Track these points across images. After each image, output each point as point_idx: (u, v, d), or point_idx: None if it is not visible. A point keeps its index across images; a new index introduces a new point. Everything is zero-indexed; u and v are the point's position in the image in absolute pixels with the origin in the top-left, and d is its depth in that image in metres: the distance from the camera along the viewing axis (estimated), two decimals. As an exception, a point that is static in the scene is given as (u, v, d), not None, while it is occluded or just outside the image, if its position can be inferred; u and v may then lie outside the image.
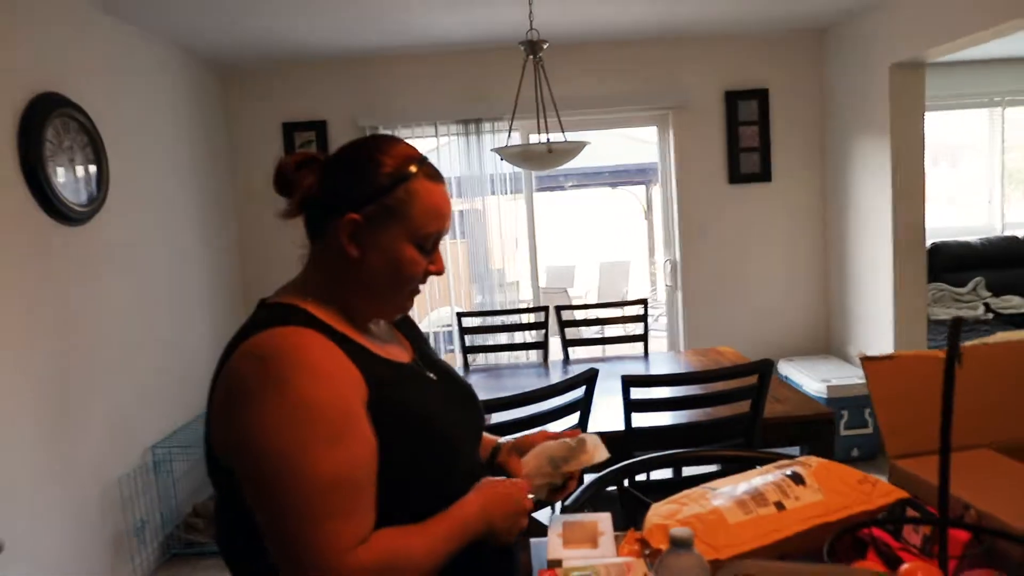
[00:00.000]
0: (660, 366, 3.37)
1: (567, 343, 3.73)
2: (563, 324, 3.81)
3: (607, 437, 1.36)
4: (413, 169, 1.08)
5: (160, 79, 3.71)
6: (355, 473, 0.98)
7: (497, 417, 2.21)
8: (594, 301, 7.03)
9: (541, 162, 2.90)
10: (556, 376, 3.32)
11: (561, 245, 9.52)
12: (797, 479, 1.21)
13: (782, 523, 1.11)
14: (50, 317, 2.74)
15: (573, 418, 2.32)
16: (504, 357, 4.32)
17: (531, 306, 4.10)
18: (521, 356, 4.21)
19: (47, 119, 2.76)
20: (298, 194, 1.10)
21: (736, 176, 4.52)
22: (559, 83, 3.56)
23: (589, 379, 2.27)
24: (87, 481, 2.88)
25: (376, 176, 1.07)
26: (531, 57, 2.94)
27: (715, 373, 2.19)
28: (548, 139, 2.93)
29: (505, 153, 2.92)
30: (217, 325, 4.05)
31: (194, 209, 3.95)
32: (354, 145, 1.13)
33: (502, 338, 4.33)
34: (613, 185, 9.41)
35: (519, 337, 4.37)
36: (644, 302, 3.79)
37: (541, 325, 3.80)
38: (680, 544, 0.93)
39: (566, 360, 3.67)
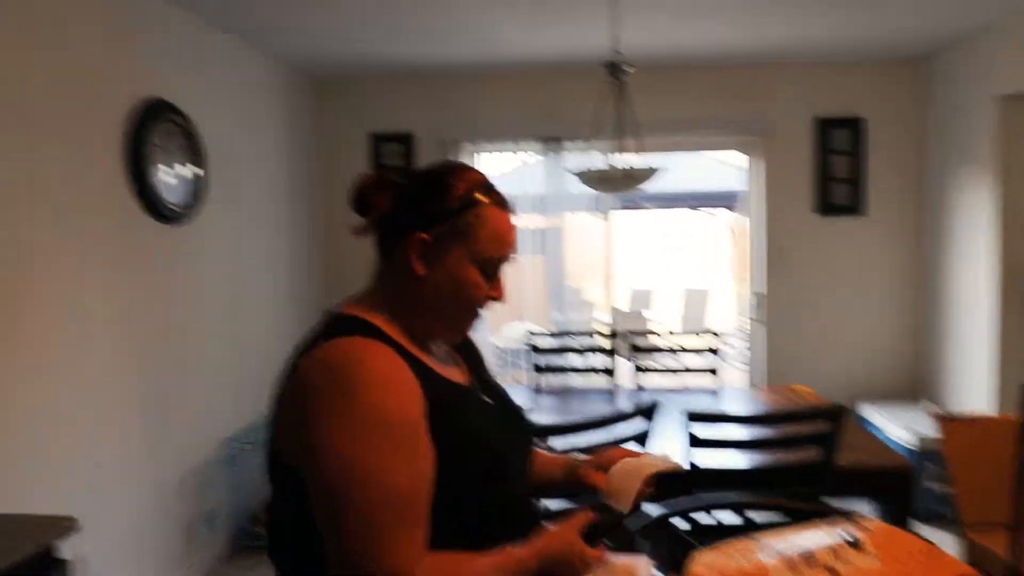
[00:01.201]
0: (730, 402, 3.26)
1: (638, 370, 3.66)
2: (635, 350, 3.74)
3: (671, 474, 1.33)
4: (482, 196, 1.13)
5: (257, 88, 3.89)
6: (421, 486, 1.00)
7: (554, 442, 2.19)
8: (672, 328, 6.87)
9: (616, 185, 2.87)
10: (623, 404, 3.26)
11: (642, 267, 9.39)
12: (854, 543, 1.14)
13: (831, 590, 1.05)
14: (148, 310, 2.91)
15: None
16: (577, 379, 4.28)
17: (604, 328, 4.05)
18: (593, 379, 4.16)
19: (152, 124, 2.93)
20: (374, 213, 1.14)
21: (826, 207, 4.35)
22: (641, 104, 3.53)
23: (649, 411, 2.22)
24: (168, 467, 3.04)
25: (447, 199, 1.11)
26: (613, 79, 2.92)
27: (780, 416, 2.10)
28: (625, 162, 2.91)
29: (581, 176, 2.91)
30: (297, 328, 4.20)
31: (283, 214, 4.11)
32: (430, 169, 1.18)
33: (575, 359, 4.29)
34: (695, 207, 9.20)
35: (591, 360, 4.31)
36: (718, 334, 3.67)
37: (611, 350, 3.74)
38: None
39: (637, 387, 3.60)
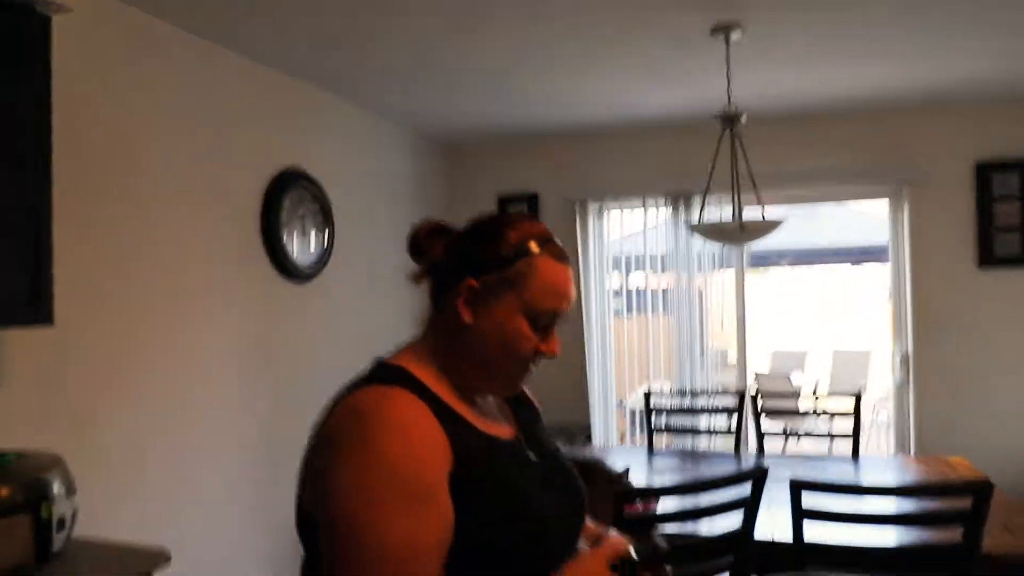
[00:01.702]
0: (870, 471, 2.93)
1: (762, 435, 3.40)
2: (769, 413, 3.49)
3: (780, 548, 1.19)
4: (535, 246, 1.10)
5: (387, 154, 4.13)
6: (430, 541, 0.95)
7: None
8: (819, 391, 6.34)
9: (733, 238, 2.74)
10: (739, 469, 3.03)
11: (790, 328, 8.84)
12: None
13: None
14: (273, 360, 3.11)
15: (735, 517, 2.08)
16: (701, 441, 4.06)
17: (733, 389, 3.82)
18: (719, 442, 3.93)
19: (286, 190, 3.19)
20: (427, 260, 1.15)
21: (989, 259, 3.89)
22: (771, 156, 3.40)
23: (756, 478, 2.04)
24: (278, 515, 3.15)
25: (499, 248, 1.09)
26: (728, 131, 2.83)
27: (904, 489, 1.85)
28: (745, 215, 2.78)
29: (696, 229, 2.81)
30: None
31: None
32: (486, 218, 1.17)
33: (701, 421, 4.07)
34: (846, 262, 8.57)
35: (717, 422, 4.07)
36: (860, 397, 3.34)
37: (738, 412, 3.51)
38: None
39: (760, 452, 3.35)
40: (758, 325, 7.01)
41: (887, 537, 2.09)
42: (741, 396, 3.50)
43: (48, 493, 1.68)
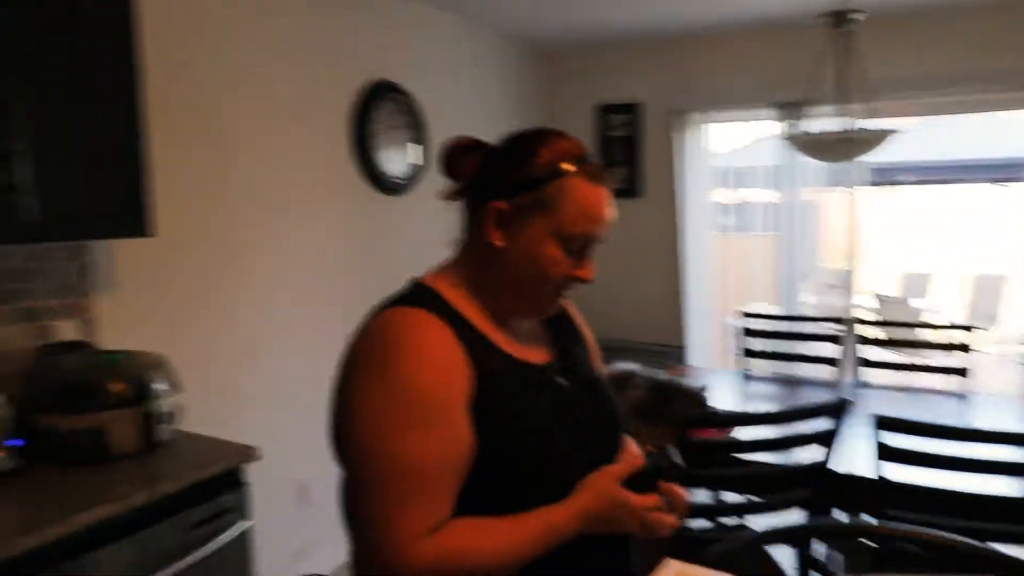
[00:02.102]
0: (981, 411, 2.73)
1: (861, 363, 3.22)
2: (866, 340, 3.30)
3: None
4: (569, 166, 1.05)
5: (481, 63, 4.05)
6: (438, 461, 0.97)
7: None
8: (959, 320, 5.80)
9: (836, 152, 2.52)
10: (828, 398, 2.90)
11: (918, 250, 8.21)
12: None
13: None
14: (366, 270, 3.22)
15: (816, 450, 2.01)
16: (805, 369, 3.90)
17: (843, 314, 3.61)
18: (817, 370, 3.76)
19: (377, 103, 3.21)
20: (460, 178, 1.13)
21: None
22: (893, 58, 3.05)
23: (836, 409, 1.95)
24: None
25: (531, 168, 1.06)
26: (838, 30, 2.56)
27: (992, 435, 1.71)
28: (852, 126, 2.54)
29: (794, 141, 2.60)
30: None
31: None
32: (519, 135, 1.12)
33: (804, 346, 3.90)
34: (980, 180, 7.74)
35: (818, 348, 3.89)
36: (970, 328, 3.08)
37: (838, 337, 3.34)
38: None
39: (864, 382, 3.18)
40: (883, 246, 6.54)
41: (989, 484, 1.95)
42: (847, 321, 3.31)
43: (153, 389, 1.85)
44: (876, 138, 2.41)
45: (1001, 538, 1.74)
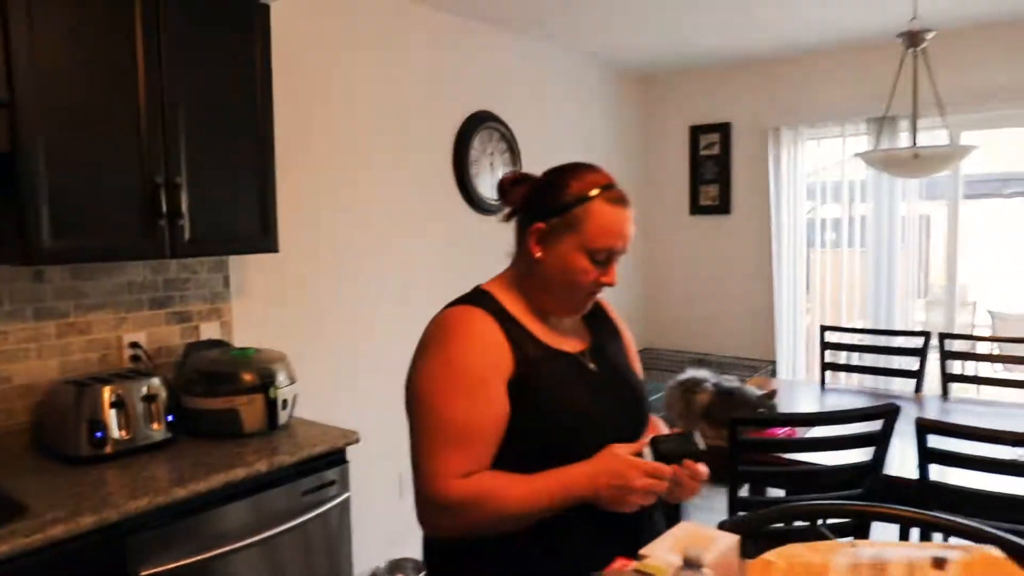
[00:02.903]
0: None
1: (947, 378, 3.21)
2: (946, 356, 3.28)
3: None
4: (593, 192, 1.30)
5: (576, 89, 4.31)
6: (477, 423, 1.23)
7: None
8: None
9: (907, 168, 2.59)
10: (926, 411, 2.93)
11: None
12: (938, 563, 1.06)
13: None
14: (458, 282, 3.52)
15: (865, 452, 2.12)
16: (892, 383, 3.88)
17: (943, 328, 3.58)
18: (899, 384, 3.74)
19: (475, 132, 3.55)
20: (512, 204, 1.40)
21: None
22: (961, 73, 3.05)
23: (887, 414, 2.05)
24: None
25: (563, 195, 1.32)
26: (912, 50, 2.64)
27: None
28: (929, 141, 2.60)
29: (865, 158, 2.69)
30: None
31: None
32: (556, 169, 1.39)
33: (890, 360, 3.88)
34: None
35: (903, 362, 3.86)
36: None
37: (918, 351, 3.34)
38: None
39: (944, 396, 3.17)
40: (1001, 260, 6.21)
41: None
42: (927, 336, 3.32)
43: (275, 380, 2.23)
44: (952, 154, 2.46)
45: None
